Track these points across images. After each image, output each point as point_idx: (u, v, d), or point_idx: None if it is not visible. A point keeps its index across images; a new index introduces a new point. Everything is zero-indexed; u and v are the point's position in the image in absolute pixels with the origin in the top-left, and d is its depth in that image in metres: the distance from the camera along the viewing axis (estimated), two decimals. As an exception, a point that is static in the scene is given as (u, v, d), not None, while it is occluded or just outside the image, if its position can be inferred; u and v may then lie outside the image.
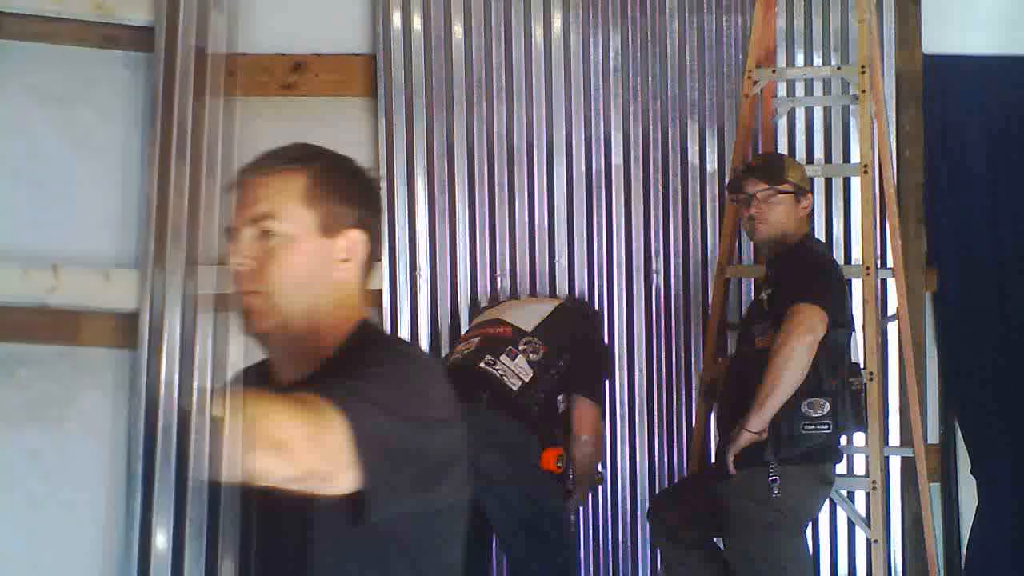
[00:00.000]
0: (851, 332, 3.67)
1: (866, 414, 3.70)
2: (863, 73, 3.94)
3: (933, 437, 4.49)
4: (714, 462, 3.84)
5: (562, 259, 4.33)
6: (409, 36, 4.27)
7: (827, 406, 3.49)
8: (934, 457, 4.44)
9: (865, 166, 3.89)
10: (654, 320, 4.36)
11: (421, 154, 4.27)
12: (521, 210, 4.31)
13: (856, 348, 3.81)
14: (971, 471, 4.53)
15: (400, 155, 4.26)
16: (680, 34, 4.41)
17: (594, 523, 4.32)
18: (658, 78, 4.40)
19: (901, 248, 4.20)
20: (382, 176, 4.21)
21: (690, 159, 4.40)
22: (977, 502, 4.50)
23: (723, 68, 4.42)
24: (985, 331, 4.55)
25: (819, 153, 4.43)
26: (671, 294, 4.37)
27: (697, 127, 4.41)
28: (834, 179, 4.40)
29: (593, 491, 4.10)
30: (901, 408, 4.33)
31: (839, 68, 4.16)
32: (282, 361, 1.86)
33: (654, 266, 4.37)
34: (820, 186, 4.36)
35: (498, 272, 4.28)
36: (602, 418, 3.94)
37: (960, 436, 4.56)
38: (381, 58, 4.26)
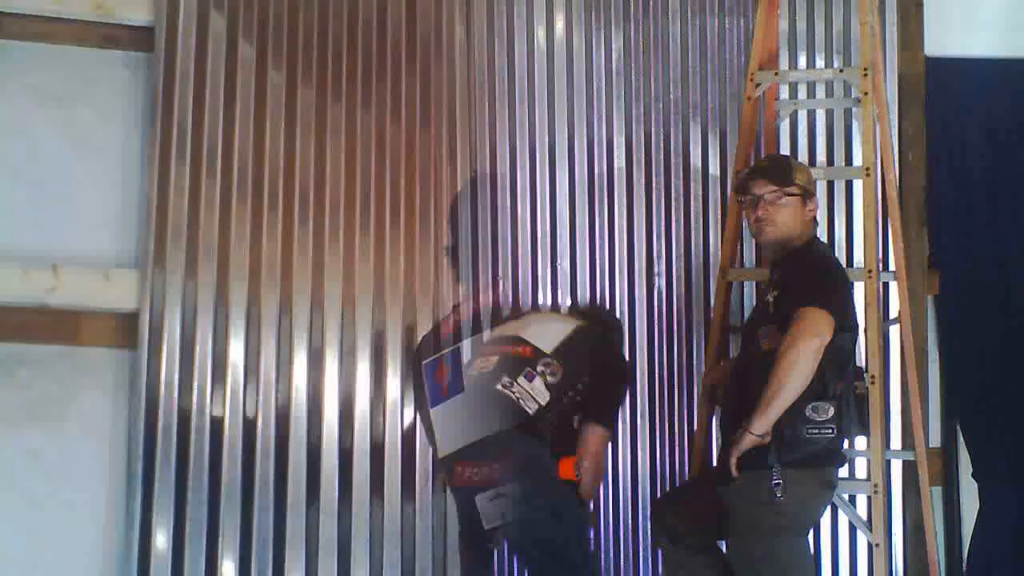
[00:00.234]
0: (856, 336, 3.66)
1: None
2: (865, 76, 3.94)
3: (935, 441, 4.49)
4: (716, 465, 3.83)
5: (564, 262, 4.31)
6: (410, 37, 4.27)
7: (831, 410, 3.48)
8: (936, 461, 4.44)
9: (867, 169, 3.88)
10: (656, 323, 4.35)
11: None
12: (523, 212, 4.29)
13: (860, 352, 3.81)
14: (973, 475, 4.53)
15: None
16: (682, 36, 4.41)
17: (596, 524, 4.30)
18: (660, 80, 4.40)
19: (903, 251, 4.20)
20: None
21: (692, 162, 4.39)
22: (979, 506, 4.50)
23: (725, 71, 4.42)
24: (987, 334, 4.55)
25: (821, 156, 4.42)
26: (673, 297, 4.36)
27: (699, 129, 4.40)
28: (836, 182, 4.40)
29: (595, 492, 4.09)
30: (903, 411, 4.32)
31: (841, 71, 4.16)
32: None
33: (656, 269, 4.36)
34: (822, 189, 4.34)
35: (499, 275, 4.26)
36: (609, 441, 3.94)
37: (962, 440, 4.55)
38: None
